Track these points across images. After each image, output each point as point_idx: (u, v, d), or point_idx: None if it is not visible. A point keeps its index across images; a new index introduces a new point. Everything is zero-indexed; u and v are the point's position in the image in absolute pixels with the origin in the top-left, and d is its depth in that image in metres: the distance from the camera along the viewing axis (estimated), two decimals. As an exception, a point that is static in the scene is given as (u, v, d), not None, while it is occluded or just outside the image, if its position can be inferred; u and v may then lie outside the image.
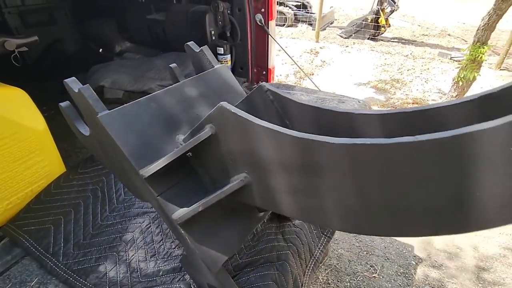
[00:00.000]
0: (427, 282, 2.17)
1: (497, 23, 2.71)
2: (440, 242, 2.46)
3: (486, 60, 3.37)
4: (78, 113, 0.82)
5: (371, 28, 7.26)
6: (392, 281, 2.17)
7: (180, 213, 0.65)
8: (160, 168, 0.63)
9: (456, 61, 6.27)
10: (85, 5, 2.26)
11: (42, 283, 0.83)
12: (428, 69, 5.92)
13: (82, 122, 0.82)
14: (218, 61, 2.01)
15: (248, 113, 0.57)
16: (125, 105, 0.71)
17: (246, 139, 0.58)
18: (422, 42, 7.44)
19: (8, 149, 0.94)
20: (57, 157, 1.11)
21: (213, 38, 1.99)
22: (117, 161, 0.72)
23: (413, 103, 4.57)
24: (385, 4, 7.02)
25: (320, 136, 0.46)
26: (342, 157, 0.45)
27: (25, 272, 0.86)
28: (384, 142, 0.40)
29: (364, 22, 7.22)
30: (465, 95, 3.22)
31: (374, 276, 2.21)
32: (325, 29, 7.74)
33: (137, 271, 0.85)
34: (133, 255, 0.89)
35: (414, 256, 2.35)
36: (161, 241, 0.94)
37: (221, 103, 0.60)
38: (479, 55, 2.77)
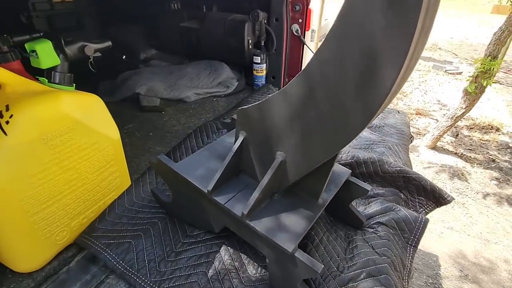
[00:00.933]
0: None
1: (508, 38, 2.83)
2: (471, 253, 2.50)
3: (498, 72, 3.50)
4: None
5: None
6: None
7: (246, 205, 0.75)
8: (218, 182, 0.80)
9: (451, 73, 6.51)
10: (113, 11, 2.22)
11: (138, 303, 0.78)
12: (425, 81, 6.10)
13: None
14: (254, 70, 2.00)
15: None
16: (189, 156, 0.96)
17: (266, 120, 0.73)
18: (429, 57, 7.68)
19: (89, 159, 0.89)
20: (126, 168, 1.06)
21: (250, 47, 1.98)
22: (190, 202, 0.91)
23: (416, 114, 4.69)
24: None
25: None
26: None
27: (116, 291, 0.81)
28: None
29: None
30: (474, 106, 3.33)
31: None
32: (321, 40, 7.87)
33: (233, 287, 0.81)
34: (224, 274, 0.85)
35: (440, 266, 2.37)
36: (252, 255, 0.90)
37: (239, 108, 0.79)
38: (491, 67, 2.88)
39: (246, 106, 0.77)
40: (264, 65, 2.02)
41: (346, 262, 0.89)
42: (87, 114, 0.87)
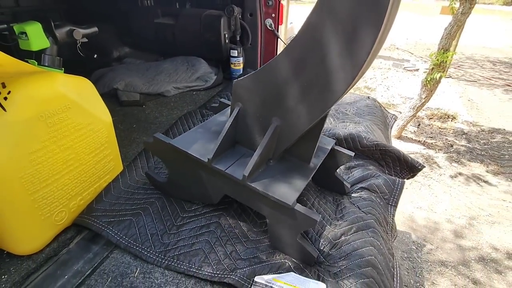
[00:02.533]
0: (427, 261, 2.36)
1: (457, 32, 3.14)
2: (438, 227, 2.71)
3: (450, 65, 3.84)
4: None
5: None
6: (400, 265, 2.31)
7: (246, 168, 0.80)
8: (218, 151, 0.85)
9: (409, 70, 6.99)
10: (82, 10, 2.18)
11: (146, 272, 0.80)
12: (387, 77, 6.50)
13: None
14: (231, 63, 2.06)
15: None
16: (185, 133, 0.99)
17: (262, 88, 0.80)
18: (389, 57, 8.16)
19: (85, 140, 0.90)
20: (118, 152, 1.07)
21: (226, 41, 2.04)
22: (187, 176, 0.96)
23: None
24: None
25: None
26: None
27: (121, 265, 0.82)
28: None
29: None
30: (432, 96, 3.62)
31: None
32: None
33: (236, 251, 0.86)
34: (226, 239, 0.89)
35: (413, 242, 2.55)
36: (250, 223, 0.95)
37: (234, 81, 0.85)
38: (444, 60, 3.17)
39: (241, 78, 0.83)
40: (241, 58, 2.09)
41: (337, 221, 0.97)
42: (81, 95, 0.88)
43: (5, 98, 0.70)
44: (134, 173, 1.12)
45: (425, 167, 1.28)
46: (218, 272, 0.79)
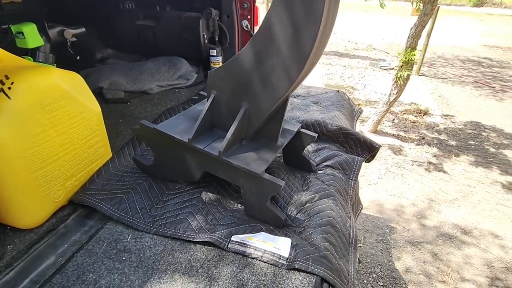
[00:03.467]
0: (396, 241, 2.56)
1: (421, 32, 3.39)
2: (410, 212, 2.92)
3: (416, 62, 4.11)
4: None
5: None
6: (375, 247, 2.50)
7: (221, 145, 0.94)
8: (197, 132, 0.97)
9: (385, 69, 7.31)
10: (65, 13, 2.26)
11: (137, 238, 0.92)
12: (364, 76, 6.78)
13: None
14: (211, 62, 2.20)
15: None
16: (168, 120, 1.12)
17: (231, 76, 0.93)
18: (354, 54, 8.47)
19: (78, 127, 1.01)
20: (107, 140, 1.18)
21: (206, 41, 2.18)
22: (171, 157, 1.08)
23: (358, 105, 5.23)
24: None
25: None
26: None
27: (115, 233, 0.94)
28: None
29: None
30: (403, 92, 3.87)
31: (360, 246, 2.53)
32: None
33: (215, 218, 0.99)
34: (207, 210, 1.03)
35: (387, 226, 2.75)
36: (228, 197, 1.09)
37: (209, 71, 0.99)
38: (411, 57, 3.41)
39: (215, 69, 0.97)
40: (220, 57, 2.23)
41: (303, 192, 1.12)
42: (74, 87, 1.00)
43: (9, 88, 0.81)
44: (122, 159, 1.24)
45: (381, 146, 1.46)
46: (199, 234, 0.92)
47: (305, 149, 1.23)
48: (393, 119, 4.68)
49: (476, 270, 2.28)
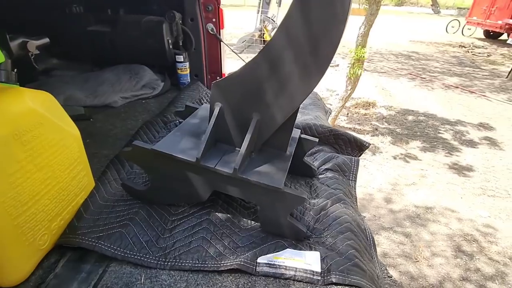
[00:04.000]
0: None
1: (369, 30, 3.62)
2: (377, 200, 3.10)
3: (366, 59, 4.39)
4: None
5: (260, 43, 8.14)
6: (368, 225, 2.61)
7: (235, 161, 0.87)
8: (205, 149, 0.89)
9: (331, 66, 7.70)
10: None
11: (152, 277, 0.80)
12: (314, 74, 7.04)
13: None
14: (178, 69, 2.07)
15: None
16: (164, 138, 1.00)
17: (242, 87, 0.88)
18: None
19: (59, 157, 0.85)
20: (89, 167, 1.02)
21: (170, 47, 2.03)
22: (172, 180, 0.97)
23: (313, 101, 5.42)
24: (267, 22, 8.00)
25: None
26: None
27: (123, 276, 0.80)
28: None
29: (253, 38, 8.03)
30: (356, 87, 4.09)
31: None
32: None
33: (233, 241, 0.92)
34: (221, 233, 0.94)
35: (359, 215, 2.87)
36: (238, 215, 1.02)
37: (213, 82, 0.90)
38: (362, 55, 3.63)
39: (219, 80, 0.89)
40: (187, 63, 2.10)
41: (314, 199, 1.10)
42: (50, 110, 0.83)
43: (-25, 119, 0.64)
44: (108, 186, 1.08)
45: (370, 144, 1.51)
46: (222, 262, 0.84)
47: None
48: (347, 114, 4.95)
49: (442, 245, 2.50)
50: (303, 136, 1.15)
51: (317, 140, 1.14)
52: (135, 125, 1.64)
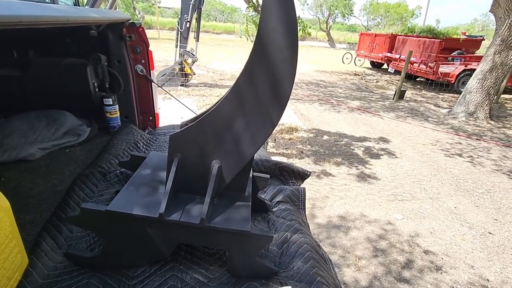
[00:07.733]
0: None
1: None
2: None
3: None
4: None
5: (181, 76, 8.16)
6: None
7: (201, 211, 0.86)
8: (168, 203, 0.86)
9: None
10: None
11: None
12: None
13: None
14: (107, 112, 1.95)
15: None
16: (116, 196, 0.93)
17: (201, 137, 0.89)
18: (222, 84, 9.08)
19: (-11, 237, 0.71)
20: (21, 241, 0.86)
21: (96, 90, 1.91)
22: (130, 239, 0.91)
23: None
24: (186, 56, 8.12)
25: None
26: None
27: None
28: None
29: (173, 72, 8.02)
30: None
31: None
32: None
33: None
34: (191, 287, 0.90)
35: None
36: (205, 263, 0.99)
37: (170, 135, 0.90)
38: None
39: (176, 132, 0.88)
40: (117, 106, 1.99)
41: (274, 233, 1.14)
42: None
43: None
44: (45, 259, 0.93)
45: (311, 173, 1.65)
46: (200, 319, 0.80)
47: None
48: (275, 140, 5.25)
49: (365, 248, 2.80)
50: (255, 174, 1.20)
51: (268, 176, 1.21)
52: (62, 179, 1.46)
